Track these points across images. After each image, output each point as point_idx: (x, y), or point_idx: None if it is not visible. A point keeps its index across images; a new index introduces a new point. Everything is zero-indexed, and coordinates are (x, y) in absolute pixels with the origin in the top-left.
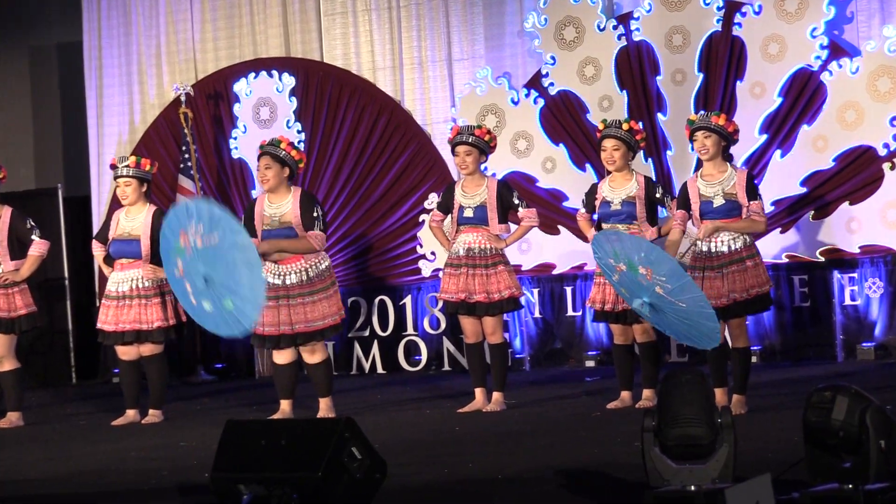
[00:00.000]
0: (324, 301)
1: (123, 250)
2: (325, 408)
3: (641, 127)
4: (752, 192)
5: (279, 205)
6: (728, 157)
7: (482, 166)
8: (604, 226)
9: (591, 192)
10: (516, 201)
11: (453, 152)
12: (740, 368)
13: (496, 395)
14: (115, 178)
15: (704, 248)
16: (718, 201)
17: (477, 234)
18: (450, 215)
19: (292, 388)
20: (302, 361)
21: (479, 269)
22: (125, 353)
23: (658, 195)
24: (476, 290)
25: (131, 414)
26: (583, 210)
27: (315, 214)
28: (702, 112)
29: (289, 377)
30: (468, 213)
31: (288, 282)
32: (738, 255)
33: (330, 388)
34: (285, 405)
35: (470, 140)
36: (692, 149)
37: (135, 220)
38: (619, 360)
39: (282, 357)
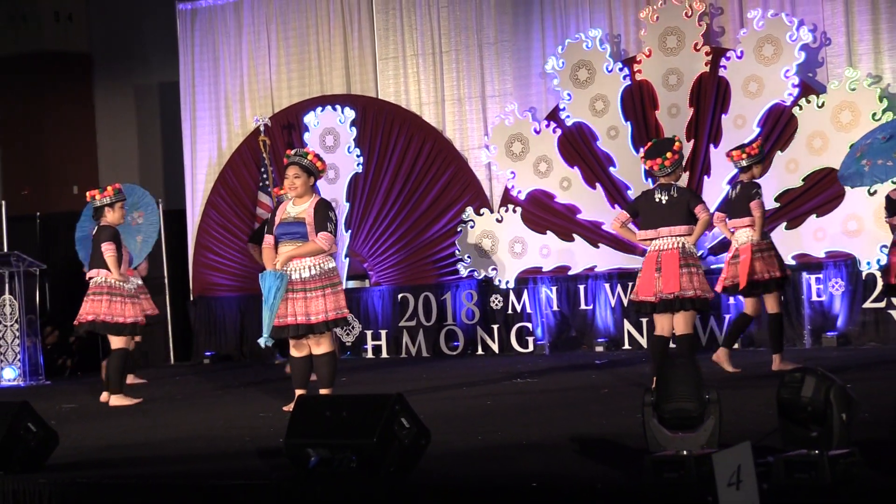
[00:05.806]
0: (323, 297)
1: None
2: None
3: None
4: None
5: (300, 207)
6: None
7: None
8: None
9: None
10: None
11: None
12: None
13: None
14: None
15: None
16: None
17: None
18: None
19: (306, 379)
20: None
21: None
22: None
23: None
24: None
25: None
26: (622, 211)
27: (328, 218)
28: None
29: (302, 369)
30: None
31: (293, 277)
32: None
33: (332, 380)
34: (301, 395)
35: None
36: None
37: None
38: (655, 349)
39: (298, 350)
